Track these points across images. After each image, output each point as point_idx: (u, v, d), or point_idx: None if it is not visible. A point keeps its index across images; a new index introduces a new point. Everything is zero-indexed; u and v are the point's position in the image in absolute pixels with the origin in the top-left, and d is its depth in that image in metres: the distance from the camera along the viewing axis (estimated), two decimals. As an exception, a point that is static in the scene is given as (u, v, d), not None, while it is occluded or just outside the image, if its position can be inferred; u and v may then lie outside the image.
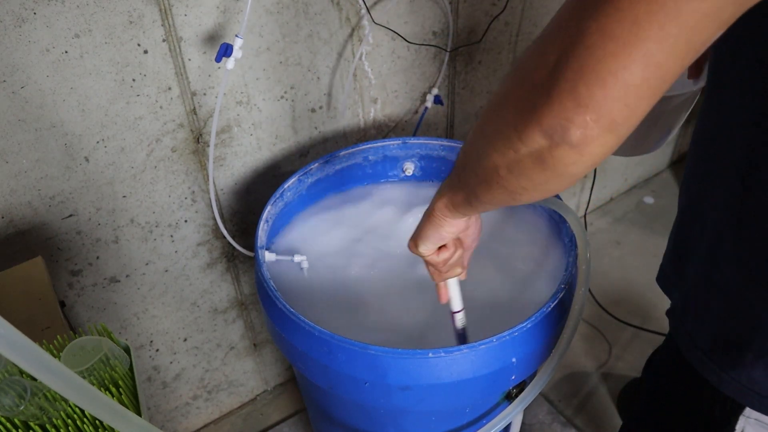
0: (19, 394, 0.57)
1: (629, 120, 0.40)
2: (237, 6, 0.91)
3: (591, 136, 0.40)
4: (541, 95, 0.40)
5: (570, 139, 0.40)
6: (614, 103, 0.38)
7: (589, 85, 0.38)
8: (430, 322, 0.91)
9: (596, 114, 0.39)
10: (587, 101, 0.38)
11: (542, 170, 0.44)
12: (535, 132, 0.42)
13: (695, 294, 0.63)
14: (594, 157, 0.42)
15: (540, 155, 0.43)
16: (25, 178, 0.87)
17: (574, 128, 0.40)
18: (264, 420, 1.42)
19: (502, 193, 0.50)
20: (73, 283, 1.00)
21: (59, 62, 0.81)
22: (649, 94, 0.38)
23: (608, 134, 0.40)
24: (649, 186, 2.08)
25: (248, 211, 1.15)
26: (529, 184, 0.47)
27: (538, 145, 0.42)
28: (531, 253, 1.01)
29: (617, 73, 0.37)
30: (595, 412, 1.41)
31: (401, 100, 1.23)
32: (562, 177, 0.44)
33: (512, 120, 0.44)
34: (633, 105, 0.38)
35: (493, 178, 0.49)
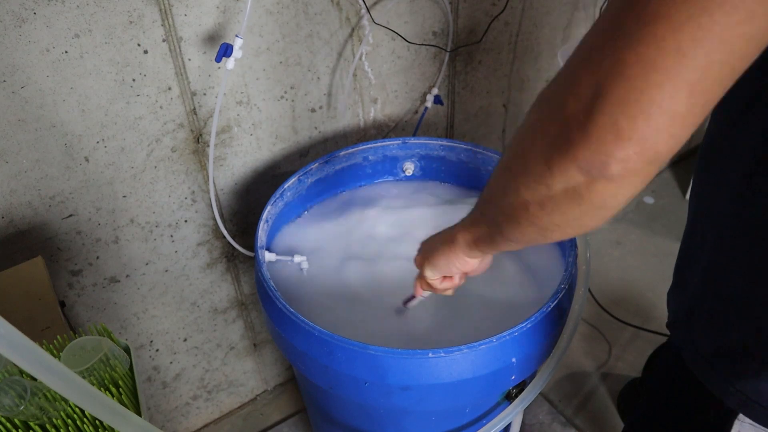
0: (19, 394, 0.57)
1: (673, 150, 0.38)
2: (237, 6, 0.92)
3: (633, 170, 0.38)
4: (577, 129, 0.38)
5: (610, 173, 0.38)
6: (659, 135, 0.36)
7: (632, 118, 0.36)
8: (430, 322, 0.91)
9: (640, 147, 0.37)
10: (630, 134, 0.36)
11: (577, 205, 0.42)
12: (570, 168, 0.40)
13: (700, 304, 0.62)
14: (634, 189, 0.40)
15: (576, 191, 0.41)
16: (25, 178, 0.87)
17: (614, 163, 0.38)
18: (264, 420, 1.42)
19: (533, 231, 0.48)
20: (73, 283, 1.00)
21: (59, 62, 0.81)
22: (693, 122, 0.37)
23: (650, 166, 0.38)
24: (649, 186, 2.08)
25: (248, 211, 1.15)
26: (562, 220, 0.45)
27: (575, 181, 0.40)
28: (531, 252, 1.00)
29: (662, 103, 0.35)
30: (595, 412, 1.41)
31: (401, 100, 1.23)
32: (599, 211, 0.43)
33: (543, 154, 0.42)
34: (678, 134, 0.37)
35: (521, 215, 0.47)
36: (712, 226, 0.58)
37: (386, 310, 0.92)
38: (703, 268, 0.61)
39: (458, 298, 0.93)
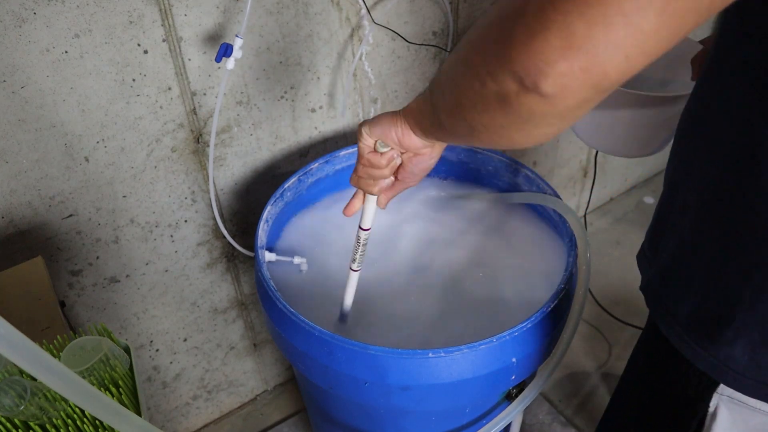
0: (19, 394, 0.57)
1: (622, 77, 0.34)
2: (237, 6, 0.91)
3: (570, 87, 0.33)
4: (523, 27, 0.33)
5: (543, 88, 0.34)
6: (614, 52, 0.32)
7: (590, 24, 0.31)
8: (430, 322, 0.91)
9: (589, 61, 0.32)
10: (581, 43, 0.32)
11: (504, 113, 0.38)
12: (504, 70, 0.36)
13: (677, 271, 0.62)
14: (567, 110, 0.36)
15: (506, 96, 0.37)
16: (25, 178, 0.87)
17: (554, 76, 0.33)
18: (264, 420, 1.42)
19: (463, 126, 0.45)
20: (73, 283, 1.00)
21: (59, 62, 0.81)
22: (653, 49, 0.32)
23: (591, 90, 0.34)
24: (649, 186, 2.08)
25: (248, 211, 1.15)
26: (489, 123, 0.41)
27: (506, 86, 0.36)
28: (531, 252, 1.00)
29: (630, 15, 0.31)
30: (595, 412, 1.41)
31: (401, 100, 1.23)
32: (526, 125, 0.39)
33: (487, 49, 0.38)
34: (633, 57, 0.32)
35: (457, 108, 0.44)
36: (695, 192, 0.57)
37: (386, 310, 0.92)
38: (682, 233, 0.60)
39: (459, 298, 0.94)
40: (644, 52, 0.32)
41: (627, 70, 0.33)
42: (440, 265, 0.99)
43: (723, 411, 0.61)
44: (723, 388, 0.60)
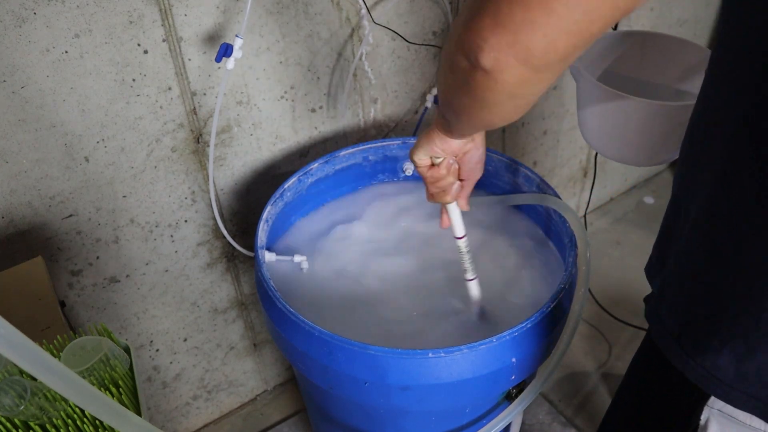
0: (19, 394, 0.57)
1: (546, 54, 0.38)
2: (237, 6, 0.92)
3: (503, 62, 0.39)
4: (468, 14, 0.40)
5: (482, 62, 0.39)
6: (532, 29, 0.36)
7: (512, 4, 0.36)
8: (431, 322, 0.91)
9: (512, 37, 0.37)
10: (505, 21, 0.37)
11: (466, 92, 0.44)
12: (458, 52, 0.42)
13: (671, 281, 0.63)
14: (508, 86, 0.40)
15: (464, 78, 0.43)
16: (25, 178, 0.87)
17: (487, 50, 0.38)
18: (264, 420, 1.42)
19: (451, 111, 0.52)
20: (73, 283, 1.00)
21: (59, 62, 0.81)
22: (572, 31, 0.36)
23: (522, 65, 0.38)
24: (649, 186, 2.08)
25: (248, 211, 1.15)
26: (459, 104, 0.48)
27: (462, 66, 0.42)
28: (531, 252, 1.01)
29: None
30: (595, 412, 1.41)
31: (401, 100, 1.23)
32: (484, 103, 0.44)
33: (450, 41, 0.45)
34: (553, 37, 0.37)
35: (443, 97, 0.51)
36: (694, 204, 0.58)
37: (386, 310, 0.92)
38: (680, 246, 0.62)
39: (458, 298, 0.93)
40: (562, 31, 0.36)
41: (550, 48, 0.37)
42: (440, 265, 0.99)
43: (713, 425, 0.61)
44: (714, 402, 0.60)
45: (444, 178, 0.72)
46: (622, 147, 0.98)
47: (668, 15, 1.64)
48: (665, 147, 0.95)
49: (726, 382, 0.58)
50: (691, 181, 0.59)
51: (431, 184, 0.74)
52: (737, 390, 0.57)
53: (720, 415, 0.61)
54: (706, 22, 1.78)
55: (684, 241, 0.61)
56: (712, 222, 0.56)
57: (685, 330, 0.61)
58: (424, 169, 0.72)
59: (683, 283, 0.61)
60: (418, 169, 0.73)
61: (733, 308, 0.55)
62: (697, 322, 0.59)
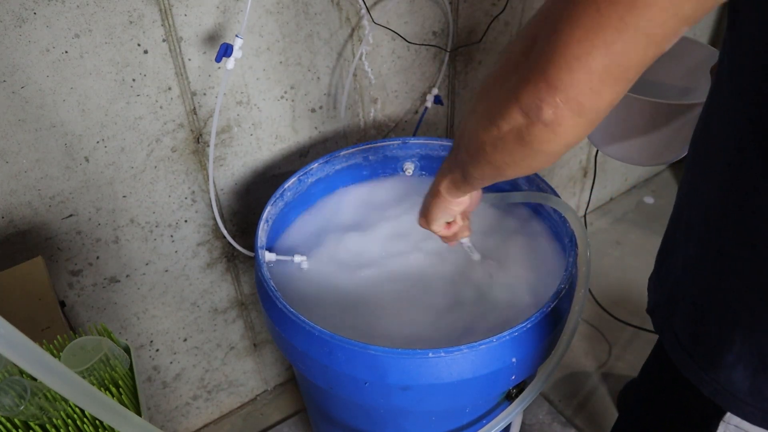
0: (19, 394, 0.57)
1: (595, 104, 0.43)
2: (237, 6, 0.92)
3: (562, 116, 0.43)
4: (520, 76, 0.44)
5: (544, 117, 0.44)
6: (579, 87, 0.41)
7: (558, 69, 0.41)
8: (431, 321, 0.91)
9: (564, 95, 0.42)
10: (556, 83, 0.42)
11: (521, 147, 0.48)
12: (514, 110, 0.45)
13: (681, 292, 0.63)
14: (566, 137, 0.45)
15: (519, 132, 0.47)
16: (25, 178, 0.87)
17: (546, 108, 0.43)
18: (264, 420, 1.42)
19: (490, 169, 0.54)
20: (73, 283, 1.00)
21: (59, 62, 0.81)
22: (611, 81, 0.41)
23: (577, 117, 0.43)
24: (649, 186, 2.08)
25: (248, 211, 1.15)
26: (510, 159, 0.50)
27: (517, 123, 0.46)
28: (531, 253, 1.00)
29: (581, 58, 0.40)
30: (595, 412, 1.41)
31: (401, 100, 1.23)
32: (539, 154, 0.48)
33: (496, 99, 0.48)
34: (597, 89, 0.41)
35: (480, 155, 0.53)
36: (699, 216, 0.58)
37: (386, 309, 0.92)
38: (686, 256, 0.62)
39: (458, 298, 0.93)
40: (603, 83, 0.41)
41: (597, 99, 0.42)
42: (439, 265, 0.99)
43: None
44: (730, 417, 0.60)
45: (461, 226, 0.79)
46: (626, 147, 0.97)
47: (668, 15, 1.64)
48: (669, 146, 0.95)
49: (740, 398, 0.57)
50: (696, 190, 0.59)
51: (453, 236, 0.80)
52: (751, 405, 0.57)
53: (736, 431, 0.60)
54: (706, 22, 1.78)
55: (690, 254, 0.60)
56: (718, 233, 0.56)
57: (698, 344, 0.61)
58: (444, 232, 0.78)
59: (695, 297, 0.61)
60: (437, 233, 0.78)
61: (746, 322, 0.55)
62: (710, 336, 0.59)
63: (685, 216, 0.62)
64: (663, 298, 0.67)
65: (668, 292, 0.66)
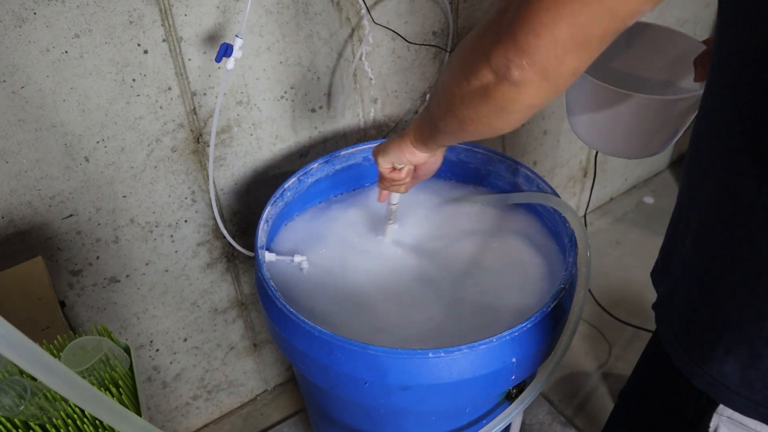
0: (19, 394, 0.57)
1: (558, 70, 0.46)
2: (237, 6, 0.92)
3: (527, 78, 0.46)
4: (492, 37, 0.48)
5: (511, 77, 0.47)
6: (545, 52, 0.44)
7: (526, 33, 0.44)
8: (431, 321, 0.91)
9: (530, 59, 0.45)
10: (524, 46, 0.45)
11: (486, 103, 0.51)
12: (484, 67, 0.49)
13: (679, 288, 0.64)
14: (529, 98, 0.48)
15: (486, 89, 0.50)
16: (25, 178, 0.87)
17: (514, 68, 0.46)
18: (264, 420, 1.42)
19: (455, 123, 0.57)
20: (73, 283, 1.00)
21: (59, 62, 0.81)
22: (575, 49, 0.44)
23: (542, 80, 0.46)
24: (649, 186, 2.08)
25: (248, 211, 1.15)
26: (474, 114, 0.54)
27: (486, 79, 0.49)
28: (531, 253, 1.00)
29: (548, 25, 0.43)
30: (595, 412, 1.41)
31: (401, 100, 1.23)
32: (503, 111, 0.51)
33: (470, 56, 0.51)
34: (561, 56, 0.45)
35: (448, 107, 0.56)
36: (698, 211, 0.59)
37: (386, 309, 0.92)
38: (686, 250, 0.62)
39: (459, 298, 0.94)
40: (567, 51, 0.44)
41: (561, 65, 0.45)
42: (440, 265, 0.99)
43: None
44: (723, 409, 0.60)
45: (401, 179, 0.83)
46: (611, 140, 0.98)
47: (668, 15, 1.64)
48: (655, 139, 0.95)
49: (732, 389, 0.58)
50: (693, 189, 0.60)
51: (389, 182, 0.84)
52: (743, 397, 0.57)
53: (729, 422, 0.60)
54: (706, 22, 1.78)
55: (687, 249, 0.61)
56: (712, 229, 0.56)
57: (691, 337, 0.61)
58: (385, 171, 0.82)
59: (688, 290, 0.61)
60: (380, 168, 0.82)
61: (736, 315, 0.55)
62: (702, 328, 0.60)
63: (684, 212, 0.62)
64: (665, 293, 0.68)
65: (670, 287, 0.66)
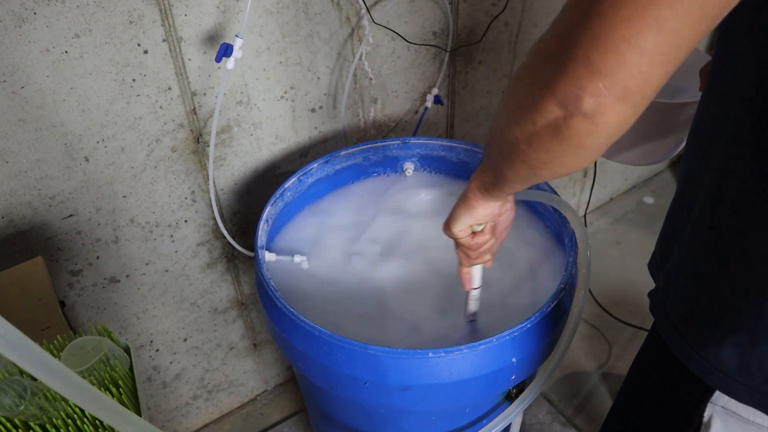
0: (19, 394, 0.57)
1: (643, 88, 0.39)
2: (237, 6, 0.92)
3: (604, 105, 0.40)
4: (555, 65, 0.41)
5: (583, 108, 0.40)
6: (628, 69, 0.38)
7: (603, 52, 0.38)
8: (431, 321, 0.91)
9: (609, 80, 0.39)
10: (600, 67, 0.38)
11: (558, 142, 0.44)
12: (549, 102, 0.42)
13: (676, 275, 0.64)
14: (609, 128, 0.42)
15: (556, 126, 0.43)
16: (25, 178, 0.87)
17: (587, 96, 0.40)
18: (264, 420, 1.42)
19: (524, 168, 0.50)
20: (73, 283, 1.00)
21: (59, 62, 0.81)
22: (662, 61, 0.38)
23: (622, 103, 0.40)
24: (649, 186, 2.08)
25: (248, 211, 1.15)
26: (547, 157, 0.46)
27: (554, 115, 0.42)
28: (531, 253, 1.00)
29: (631, 38, 0.37)
30: (595, 412, 1.41)
31: (401, 100, 1.23)
32: (579, 149, 0.44)
33: (529, 92, 0.44)
34: (647, 72, 0.38)
35: (514, 153, 0.49)
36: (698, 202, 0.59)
37: (386, 309, 0.92)
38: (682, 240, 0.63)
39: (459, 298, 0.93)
40: (654, 64, 0.38)
41: (646, 82, 0.39)
42: (439, 265, 0.99)
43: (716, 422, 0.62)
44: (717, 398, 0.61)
45: (486, 242, 0.71)
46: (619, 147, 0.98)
47: (668, 15, 1.64)
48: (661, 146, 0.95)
49: (729, 375, 0.58)
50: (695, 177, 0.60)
51: (474, 251, 0.72)
52: (740, 383, 0.58)
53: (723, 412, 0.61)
54: (706, 22, 1.78)
55: (687, 236, 0.61)
56: (714, 215, 0.57)
57: (689, 323, 0.62)
58: (467, 241, 0.70)
59: (687, 276, 0.62)
60: (459, 242, 0.71)
61: (735, 300, 0.56)
62: (700, 314, 0.60)
63: (685, 204, 0.63)
64: (661, 281, 0.68)
65: (666, 275, 0.67)
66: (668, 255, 0.67)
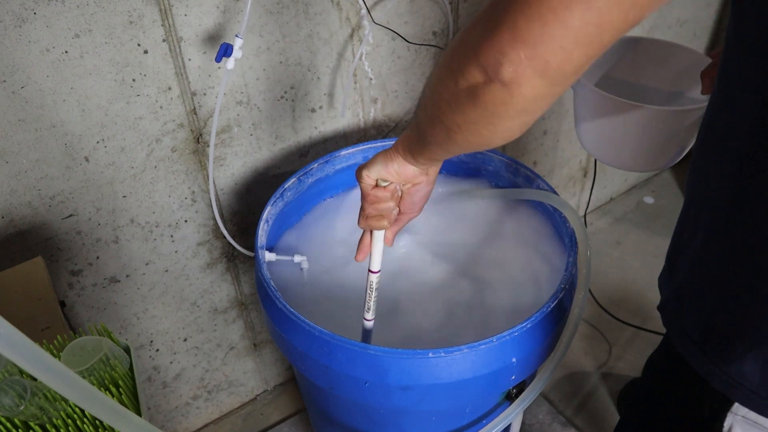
0: (19, 394, 0.57)
1: (562, 66, 0.40)
2: (237, 6, 0.92)
3: (522, 75, 0.40)
4: (483, 28, 0.41)
5: (501, 75, 0.41)
6: (550, 42, 0.38)
7: (529, 20, 0.38)
8: (431, 321, 0.91)
9: (531, 51, 0.39)
10: (524, 35, 0.38)
11: (474, 106, 0.45)
12: (473, 65, 0.42)
13: (690, 288, 0.63)
14: (524, 100, 0.42)
15: (474, 90, 0.43)
16: (25, 178, 0.87)
17: (507, 64, 0.40)
18: (264, 420, 1.42)
19: (441, 129, 0.51)
20: (73, 283, 1.00)
21: (59, 62, 0.81)
22: (586, 42, 0.38)
23: (539, 77, 0.40)
24: (649, 186, 2.08)
25: (248, 211, 1.15)
26: (462, 120, 0.47)
27: (474, 79, 0.43)
28: (531, 252, 1.00)
29: (558, 11, 0.37)
30: (595, 412, 1.41)
31: (401, 100, 1.23)
32: (492, 118, 0.45)
33: (458, 52, 0.45)
34: (569, 49, 0.39)
35: (435, 111, 0.50)
36: (707, 211, 0.58)
37: (386, 309, 0.92)
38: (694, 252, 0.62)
39: (459, 298, 0.94)
40: (577, 42, 0.38)
41: (566, 59, 0.39)
42: (440, 265, 0.99)
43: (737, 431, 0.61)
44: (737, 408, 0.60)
45: (386, 201, 0.69)
46: (619, 152, 0.98)
47: (668, 15, 1.64)
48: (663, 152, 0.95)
49: (751, 389, 0.57)
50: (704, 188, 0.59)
51: (371, 205, 0.70)
52: (763, 397, 0.57)
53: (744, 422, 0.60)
54: (706, 22, 1.78)
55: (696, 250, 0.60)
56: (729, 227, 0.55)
57: (708, 338, 0.61)
58: (367, 188, 0.69)
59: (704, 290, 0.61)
60: (361, 185, 0.69)
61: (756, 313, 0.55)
62: (720, 329, 0.59)
63: (693, 213, 0.62)
64: (672, 294, 0.67)
65: (677, 288, 0.66)
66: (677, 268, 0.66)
